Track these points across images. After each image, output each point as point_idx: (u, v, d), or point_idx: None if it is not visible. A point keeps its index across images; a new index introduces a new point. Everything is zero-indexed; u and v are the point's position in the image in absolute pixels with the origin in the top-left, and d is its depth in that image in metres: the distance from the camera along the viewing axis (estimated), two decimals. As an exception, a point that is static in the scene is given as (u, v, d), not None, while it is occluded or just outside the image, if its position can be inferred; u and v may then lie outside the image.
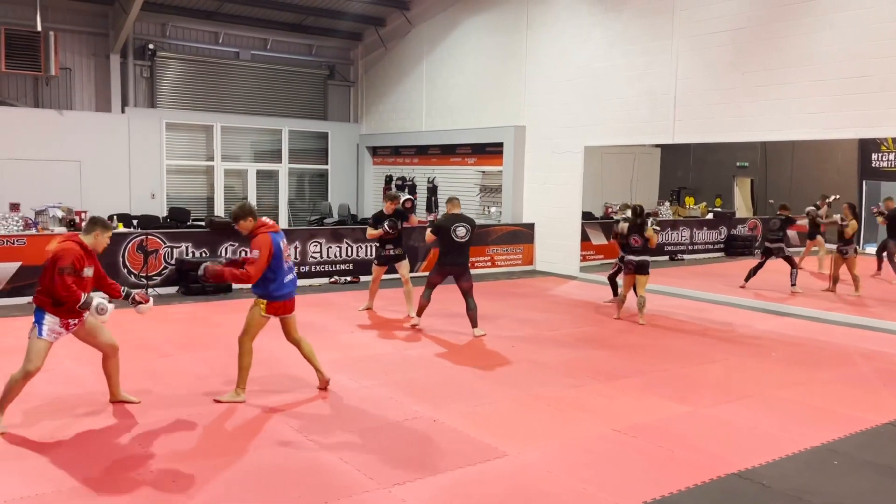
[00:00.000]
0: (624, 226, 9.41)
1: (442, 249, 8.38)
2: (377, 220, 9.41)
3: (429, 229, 8.64)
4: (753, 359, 7.60)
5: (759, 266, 11.76)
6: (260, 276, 5.57)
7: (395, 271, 9.65)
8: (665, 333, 8.79)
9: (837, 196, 13.29)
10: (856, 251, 11.41)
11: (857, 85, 9.41)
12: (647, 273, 9.24)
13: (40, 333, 5.01)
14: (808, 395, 6.35)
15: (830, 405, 6.06)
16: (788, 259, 11.59)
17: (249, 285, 5.71)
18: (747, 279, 11.79)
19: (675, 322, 9.49)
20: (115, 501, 4.07)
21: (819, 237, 13.17)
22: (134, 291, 5.50)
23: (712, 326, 9.24)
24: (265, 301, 5.72)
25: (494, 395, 6.18)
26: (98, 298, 5.18)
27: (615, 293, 10.54)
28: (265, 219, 5.74)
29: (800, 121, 10.05)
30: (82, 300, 5.01)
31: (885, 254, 12.18)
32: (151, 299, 5.60)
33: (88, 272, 5.17)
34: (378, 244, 9.62)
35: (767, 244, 11.73)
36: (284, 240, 5.78)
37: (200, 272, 5.74)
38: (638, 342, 8.30)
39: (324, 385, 6.10)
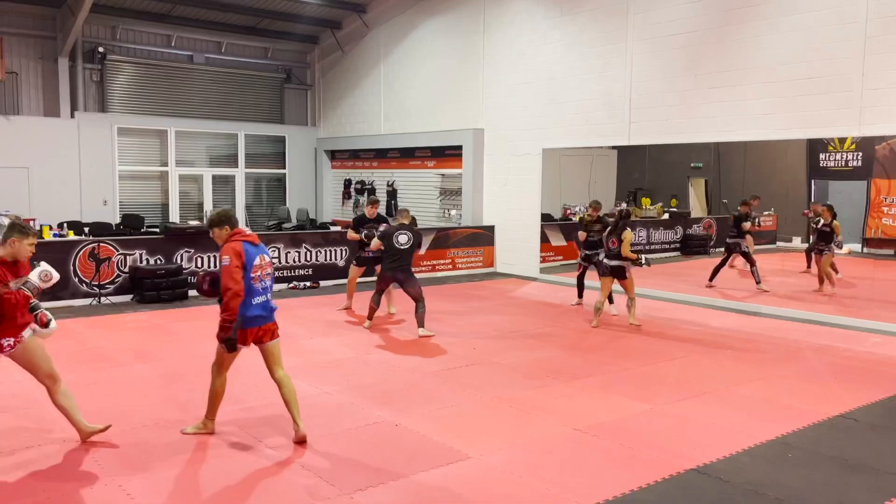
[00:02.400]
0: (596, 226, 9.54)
1: (385, 256, 8.70)
2: (359, 223, 9.83)
3: (375, 238, 8.90)
4: (710, 356, 7.73)
5: (723, 262, 11.91)
6: (237, 286, 4.77)
7: (372, 273, 9.86)
8: (624, 333, 8.89)
9: (759, 196, 13.70)
10: (831, 250, 11.43)
11: (805, 87, 9.67)
12: (626, 277, 9.01)
13: None
14: (762, 390, 6.48)
15: (784, 399, 6.19)
16: (746, 255, 11.74)
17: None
18: (712, 278, 11.87)
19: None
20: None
21: (749, 236, 13.48)
22: (39, 310, 4.81)
23: (670, 325, 9.37)
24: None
25: (456, 397, 6.17)
26: (40, 267, 4.70)
27: (581, 295, 10.60)
28: (245, 228, 5.12)
29: (751, 122, 10.28)
30: (23, 295, 4.54)
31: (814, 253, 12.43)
32: (53, 322, 4.90)
33: (16, 285, 4.59)
34: (358, 246, 9.98)
35: (728, 240, 11.93)
36: (265, 256, 5.06)
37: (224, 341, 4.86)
38: (597, 342, 8.38)
39: (300, 440, 5.03)
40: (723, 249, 12.14)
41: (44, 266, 4.72)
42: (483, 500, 4.23)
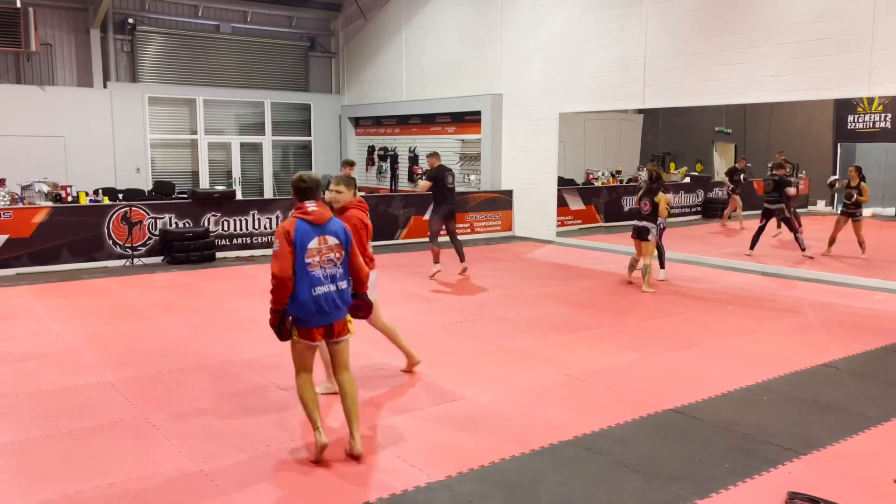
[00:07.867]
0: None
1: (437, 197, 9.57)
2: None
3: (423, 179, 9.71)
4: (710, 312, 7.99)
5: (761, 230, 11.34)
6: (282, 273, 4.09)
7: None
8: (630, 291, 9.17)
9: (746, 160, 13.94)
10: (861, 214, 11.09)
11: (816, 47, 9.71)
12: (648, 240, 9.10)
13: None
14: (753, 342, 6.76)
15: (772, 350, 6.47)
16: (787, 221, 11.23)
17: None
18: (752, 247, 11.34)
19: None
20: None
21: (737, 197, 13.55)
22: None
23: (678, 284, 9.61)
24: (293, 321, 4.23)
25: (459, 347, 6.57)
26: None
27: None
28: (308, 203, 4.33)
29: (762, 84, 10.36)
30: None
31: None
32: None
33: None
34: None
35: (766, 205, 11.32)
36: (330, 237, 4.27)
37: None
38: (602, 300, 8.68)
39: (355, 455, 4.26)
40: (760, 215, 11.43)
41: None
42: (471, 430, 4.63)
